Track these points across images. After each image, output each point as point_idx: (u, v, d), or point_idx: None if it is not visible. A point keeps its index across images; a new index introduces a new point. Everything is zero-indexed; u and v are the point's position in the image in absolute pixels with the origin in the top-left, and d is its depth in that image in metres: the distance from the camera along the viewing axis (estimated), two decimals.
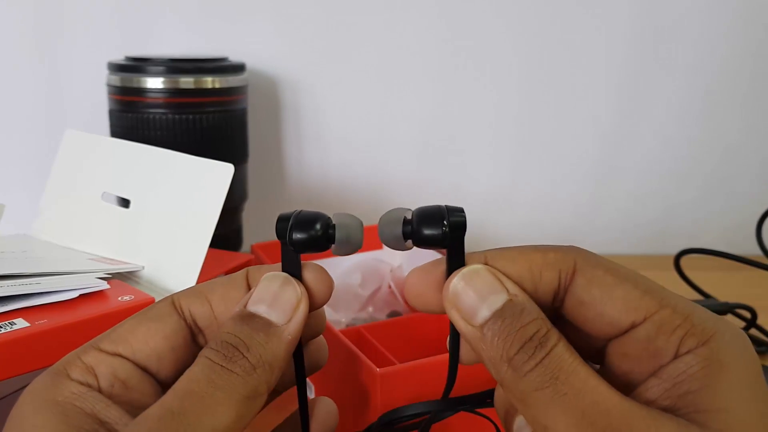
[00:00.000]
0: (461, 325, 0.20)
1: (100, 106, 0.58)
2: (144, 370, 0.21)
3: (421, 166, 0.73)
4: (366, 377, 0.33)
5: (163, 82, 0.52)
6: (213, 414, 0.18)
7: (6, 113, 0.67)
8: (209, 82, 0.54)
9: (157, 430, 0.18)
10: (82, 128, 0.42)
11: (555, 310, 0.21)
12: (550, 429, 0.18)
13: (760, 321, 0.52)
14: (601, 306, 0.20)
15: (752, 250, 0.52)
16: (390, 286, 0.52)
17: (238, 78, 0.57)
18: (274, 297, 0.21)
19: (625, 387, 0.20)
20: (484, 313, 0.19)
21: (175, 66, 0.53)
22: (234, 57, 0.59)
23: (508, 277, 0.20)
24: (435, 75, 0.70)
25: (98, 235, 0.38)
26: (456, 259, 0.21)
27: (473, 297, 0.20)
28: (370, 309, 0.49)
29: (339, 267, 0.53)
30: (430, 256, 0.46)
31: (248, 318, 0.21)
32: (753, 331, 0.51)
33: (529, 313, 0.19)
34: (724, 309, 0.54)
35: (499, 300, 0.20)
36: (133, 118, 0.53)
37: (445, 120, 0.71)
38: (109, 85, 0.55)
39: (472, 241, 0.20)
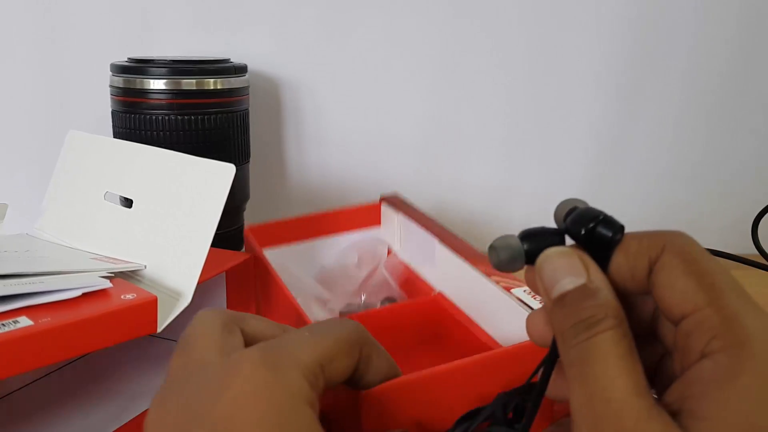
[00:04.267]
0: (542, 294, 0.22)
1: (102, 107, 0.58)
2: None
3: (421, 166, 0.73)
4: None
5: (166, 84, 0.53)
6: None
7: (10, 114, 0.68)
8: (211, 83, 0.54)
9: None
10: (84, 129, 0.42)
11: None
12: (570, 399, 0.20)
13: None
14: (663, 291, 0.21)
15: (748, 250, 0.52)
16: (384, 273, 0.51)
17: (239, 79, 0.57)
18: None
19: (672, 375, 0.21)
20: (560, 288, 0.21)
21: (177, 67, 0.53)
22: (236, 58, 0.59)
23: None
24: (434, 75, 0.70)
25: (101, 235, 0.39)
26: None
27: (555, 273, 0.22)
28: (364, 296, 0.49)
29: (337, 247, 0.53)
30: (424, 243, 0.45)
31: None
32: None
33: (595, 299, 0.21)
34: None
35: (576, 281, 0.21)
36: (136, 119, 0.53)
37: (444, 120, 0.71)
38: (112, 87, 0.55)
39: (470, 241, 0.20)
